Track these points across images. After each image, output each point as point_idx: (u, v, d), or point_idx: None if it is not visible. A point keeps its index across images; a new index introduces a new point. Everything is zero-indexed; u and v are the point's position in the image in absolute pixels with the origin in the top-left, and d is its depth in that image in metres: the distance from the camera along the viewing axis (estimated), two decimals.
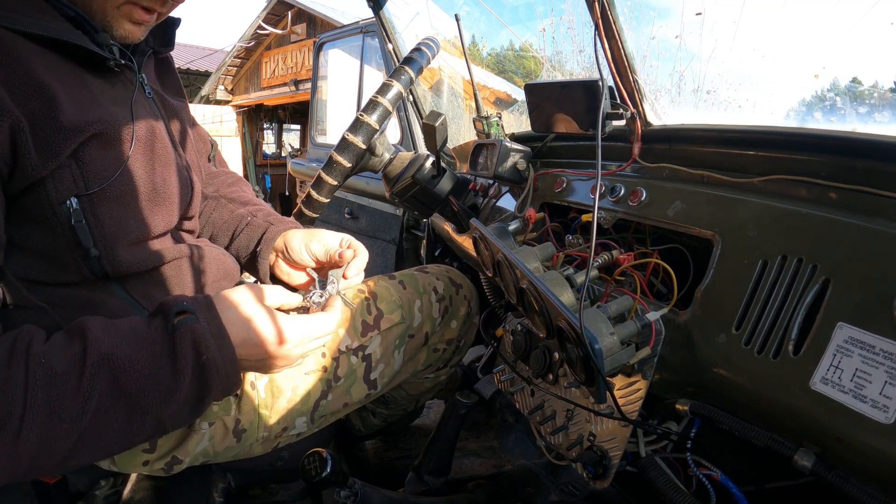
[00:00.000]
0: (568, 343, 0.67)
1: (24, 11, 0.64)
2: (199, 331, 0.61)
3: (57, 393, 0.54)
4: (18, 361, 0.55)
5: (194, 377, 0.60)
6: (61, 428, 0.54)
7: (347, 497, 0.81)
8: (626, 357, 0.67)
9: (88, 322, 0.60)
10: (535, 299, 0.72)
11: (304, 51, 8.78)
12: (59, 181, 0.67)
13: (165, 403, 0.59)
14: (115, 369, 0.57)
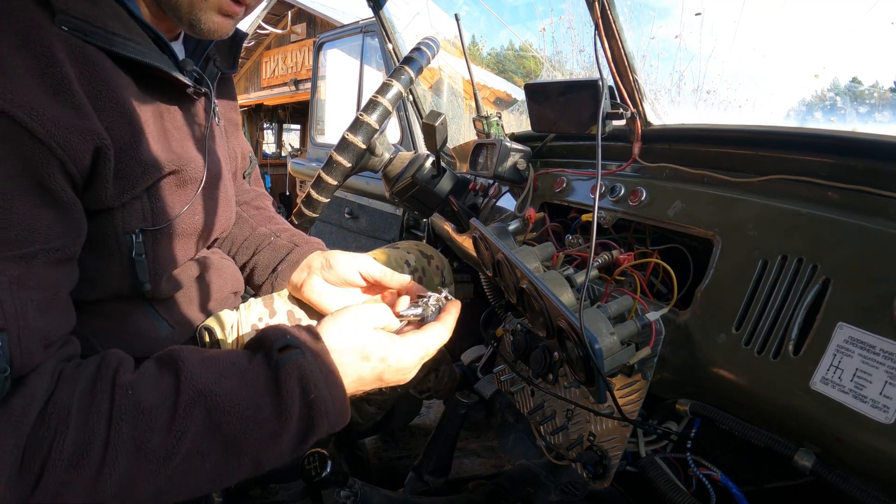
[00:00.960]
0: (568, 343, 0.67)
1: (114, 29, 0.60)
2: (306, 368, 0.55)
3: (144, 429, 0.49)
4: (103, 390, 0.50)
5: (301, 417, 0.55)
6: (147, 468, 0.49)
7: (347, 497, 0.81)
8: (626, 357, 0.67)
9: (182, 353, 0.55)
10: (535, 299, 0.72)
11: (304, 51, 8.78)
12: (130, 213, 0.66)
13: (267, 446, 0.54)
14: (213, 409, 0.52)
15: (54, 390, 0.50)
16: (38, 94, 0.51)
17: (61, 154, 0.53)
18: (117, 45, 0.60)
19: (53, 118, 0.51)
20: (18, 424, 0.46)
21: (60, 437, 0.47)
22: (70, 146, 0.53)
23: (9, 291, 0.48)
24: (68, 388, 0.50)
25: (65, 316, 0.56)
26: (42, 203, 0.53)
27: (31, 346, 0.49)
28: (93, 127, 0.56)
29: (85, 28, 0.57)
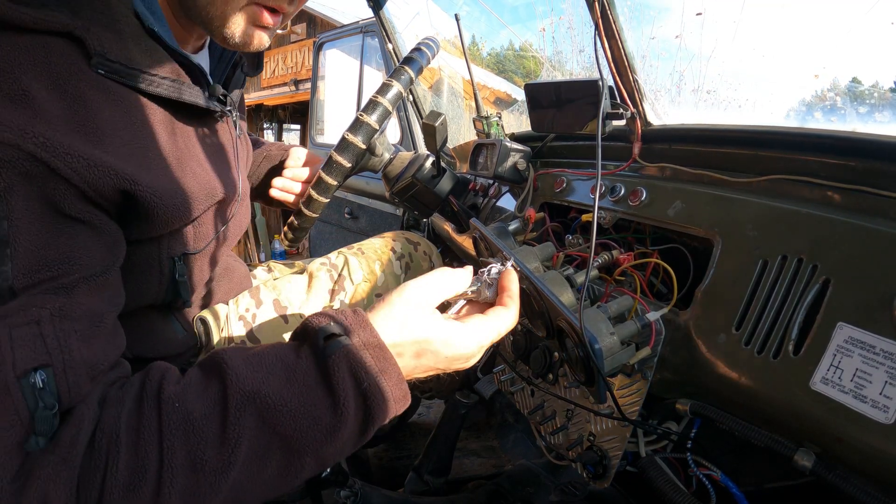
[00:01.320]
0: (568, 343, 0.67)
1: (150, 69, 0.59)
2: (353, 354, 0.51)
3: (198, 442, 0.47)
4: (150, 406, 0.48)
5: (357, 408, 0.51)
6: (206, 480, 0.47)
7: (347, 497, 0.81)
8: (626, 357, 0.67)
9: (226, 355, 0.52)
10: (535, 299, 0.72)
11: (304, 51, 8.78)
12: (176, 239, 0.67)
13: (327, 442, 0.51)
14: (265, 410, 0.49)
15: (100, 417, 0.48)
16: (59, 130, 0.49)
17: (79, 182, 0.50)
18: (154, 84, 0.59)
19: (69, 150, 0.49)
20: (69, 456, 0.44)
21: (113, 462, 0.45)
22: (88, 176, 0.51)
23: (51, 325, 0.47)
24: (115, 411, 0.48)
25: (112, 342, 0.55)
26: (75, 231, 0.51)
27: (77, 380, 0.47)
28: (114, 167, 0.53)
29: (121, 71, 0.56)
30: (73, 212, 0.51)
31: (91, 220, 0.53)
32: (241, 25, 0.63)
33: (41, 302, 0.47)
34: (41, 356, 0.45)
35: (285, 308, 0.92)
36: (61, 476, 0.43)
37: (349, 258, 1.04)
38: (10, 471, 0.43)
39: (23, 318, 0.45)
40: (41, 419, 0.44)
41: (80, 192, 0.51)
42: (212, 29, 0.63)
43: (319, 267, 1.01)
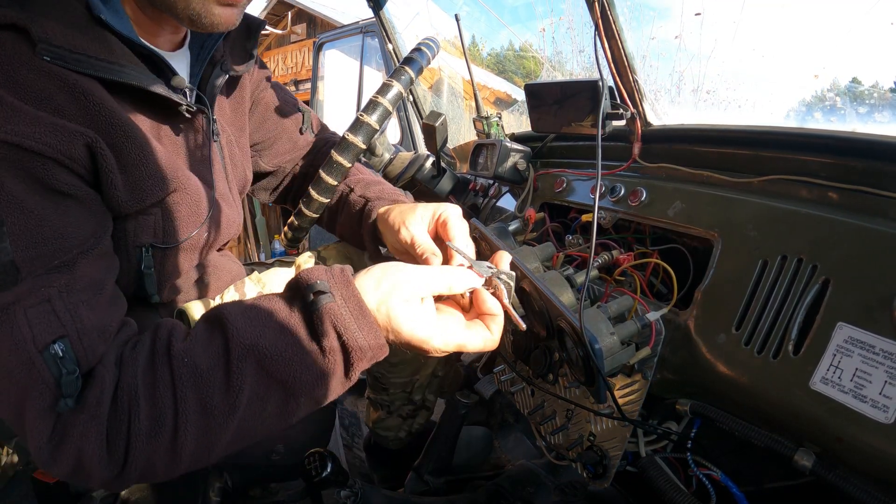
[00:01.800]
0: (568, 343, 0.67)
1: (97, 54, 0.60)
2: (335, 309, 0.55)
3: (206, 390, 0.53)
4: (162, 363, 0.54)
5: (342, 356, 0.57)
6: (216, 422, 0.54)
7: (347, 497, 0.81)
8: (626, 357, 0.67)
9: (226, 311, 0.57)
10: (536, 299, 0.72)
11: (304, 51, 8.78)
12: (141, 227, 0.68)
13: (318, 384, 0.56)
14: (262, 359, 0.55)
15: (119, 376, 0.53)
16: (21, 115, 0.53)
17: (54, 153, 0.54)
18: (101, 69, 0.60)
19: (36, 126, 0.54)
20: (96, 414, 0.51)
21: (135, 415, 0.51)
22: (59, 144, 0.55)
23: (60, 301, 0.53)
24: (132, 370, 0.54)
25: (116, 305, 0.60)
26: (64, 208, 0.56)
27: (91, 343, 0.53)
28: (77, 129, 0.57)
29: (66, 56, 0.57)
30: (57, 185, 0.55)
31: (76, 193, 0.57)
32: (206, 5, 0.63)
33: (47, 282, 0.52)
34: (57, 329, 0.51)
35: None
36: (91, 432, 0.50)
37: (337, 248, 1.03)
38: (46, 432, 0.50)
39: (35, 299, 0.51)
40: (66, 383, 0.51)
41: (57, 163, 0.55)
42: (177, 13, 0.64)
43: (308, 259, 1.00)
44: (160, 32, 0.71)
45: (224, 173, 0.85)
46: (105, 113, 0.60)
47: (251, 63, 0.86)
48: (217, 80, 0.79)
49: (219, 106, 0.86)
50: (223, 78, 0.80)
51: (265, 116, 1.00)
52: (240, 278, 0.97)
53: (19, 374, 0.50)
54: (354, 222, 0.93)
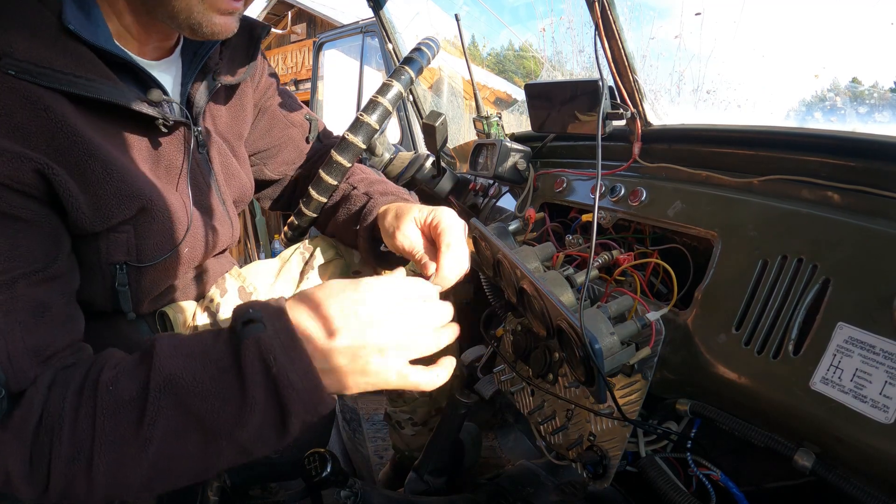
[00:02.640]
0: (568, 343, 0.67)
1: (63, 67, 0.59)
2: (265, 341, 0.52)
3: (123, 420, 0.52)
4: (89, 390, 0.54)
5: (268, 394, 0.52)
6: (129, 454, 0.52)
7: (347, 497, 0.81)
8: (626, 357, 0.67)
9: (157, 343, 0.56)
10: (536, 299, 0.72)
11: (304, 51, 8.78)
12: (113, 244, 0.67)
13: (239, 424, 0.52)
14: (180, 392, 0.52)
15: (47, 397, 0.53)
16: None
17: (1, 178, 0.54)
18: (66, 83, 0.58)
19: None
20: (21, 434, 0.51)
21: (57, 438, 0.51)
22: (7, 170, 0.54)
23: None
24: (59, 393, 0.53)
25: (63, 328, 0.59)
26: (10, 230, 0.55)
27: (21, 366, 0.53)
28: (27, 153, 0.55)
29: (31, 70, 0.56)
30: (5, 208, 0.54)
31: (24, 216, 0.56)
32: (206, 14, 0.63)
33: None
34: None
35: (250, 294, 0.90)
36: (15, 450, 0.51)
37: (323, 240, 1.00)
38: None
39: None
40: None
41: (6, 187, 0.54)
42: (178, 23, 0.63)
43: (292, 251, 0.99)
44: (148, 40, 0.69)
45: (214, 185, 0.83)
46: (67, 130, 0.58)
47: (250, 70, 0.85)
48: (208, 89, 0.77)
49: (212, 115, 0.84)
50: (215, 86, 0.78)
51: (272, 124, 0.98)
52: None
53: None
54: (352, 219, 0.92)
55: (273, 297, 0.57)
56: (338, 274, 0.97)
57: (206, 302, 0.87)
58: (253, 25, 0.84)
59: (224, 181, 0.86)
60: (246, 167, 0.94)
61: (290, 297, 0.57)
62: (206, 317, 0.86)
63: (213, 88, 0.78)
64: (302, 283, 0.94)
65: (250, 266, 0.97)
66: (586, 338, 0.61)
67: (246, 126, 0.92)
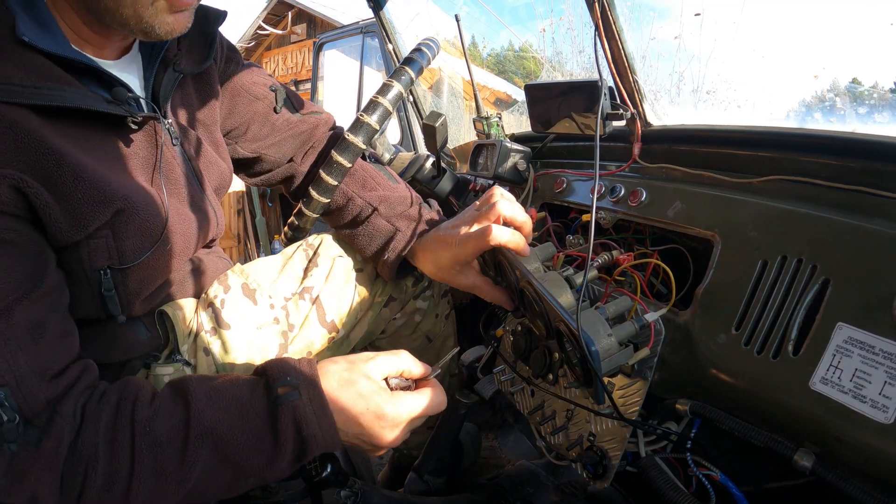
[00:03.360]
0: (567, 345, 0.67)
1: (22, 80, 0.58)
2: (300, 409, 0.61)
3: (162, 459, 0.57)
4: (123, 426, 0.58)
5: (294, 448, 0.62)
6: (168, 489, 0.58)
7: (347, 497, 0.81)
8: (624, 358, 0.67)
9: (192, 387, 0.62)
10: (535, 301, 0.72)
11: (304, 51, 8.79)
12: (95, 251, 0.67)
13: (268, 469, 0.62)
14: (219, 442, 0.59)
15: (80, 429, 0.56)
16: None
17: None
18: (27, 96, 0.58)
19: None
20: (52, 465, 0.54)
21: (92, 468, 0.55)
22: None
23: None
24: (93, 426, 0.57)
25: (61, 345, 0.61)
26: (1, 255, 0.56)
27: (30, 389, 0.55)
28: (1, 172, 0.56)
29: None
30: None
31: (8, 237, 0.57)
32: (158, 16, 0.63)
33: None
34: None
35: (254, 290, 0.90)
36: (46, 478, 0.54)
37: (325, 237, 1.00)
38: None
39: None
40: (8, 430, 0.53)
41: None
42: (130, 27, 0.63)
43: (295, 248, 0.99)
44: (106, 43, 0.69)
45: (192, 175, 0.82)
46: (34, 143, 0.58)
47: (211, 56, 0.83)
48: (172, 81, 0.77)
49: (182, 104, 0.83)
50: (178, 77, 0.77)
51: (235, 101, 0.95)
52: None
53: None
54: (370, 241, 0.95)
55: (305, 360, 0.67)
56: (341, 272, 0.96)
57: (209, 299, 0.87)
58: (206, 11, 0.82)
59: (202, 170, 0.85)
60: (224, 153, 0.93)
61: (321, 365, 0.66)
62: (210, 313, 0.86)
63: (176, 79, 0.77)
64: (305, 279, 0.94)
65: (253, 263, 0.96)
66: (583, 340, 0.61)
67: (216, 112, 0.91)
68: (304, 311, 0.92)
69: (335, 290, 0.95)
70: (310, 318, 0.92)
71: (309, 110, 1.05)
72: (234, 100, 0.95)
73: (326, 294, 0.94)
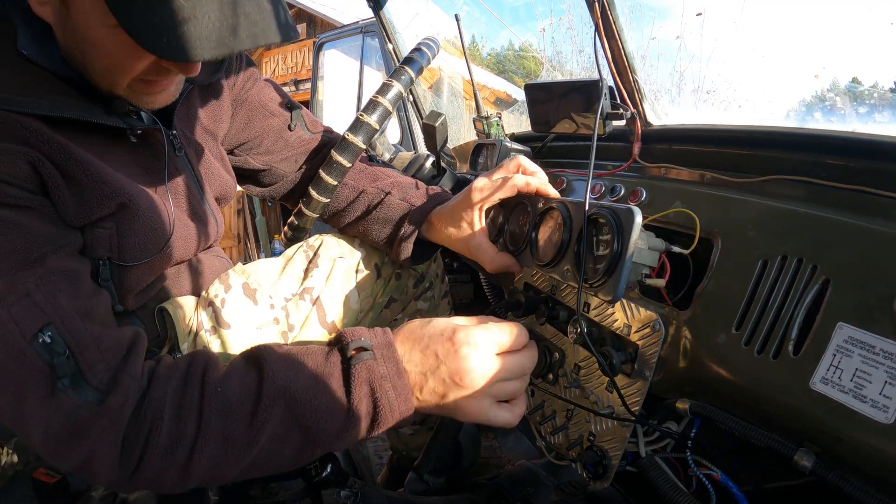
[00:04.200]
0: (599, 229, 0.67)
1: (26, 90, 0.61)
2: (374, 368, 0.60)
3: (231, 422, 0.57)
4: (193, 387, 0.58)
5: (368, 414, 0.61)
6: (232, 454, 0.57)
7: (347, 497, 0.81)
8: (650, 260, 0.67)
9: (265, 351, 0.62)
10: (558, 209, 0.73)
11: (304, 51, 8.78)
12: (96, 240, 0.68)
13: (338, 437, 0.61)
14: (292, 403, 0.58)
15: (148, 388, 0.57)
16: None
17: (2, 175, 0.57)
18: (28, 105, 0.60)
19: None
20: (117, 421, 0.54)
21: (156, 429, 0.55)
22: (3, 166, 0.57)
23: (39, 292, 0.55)
24: (162, 387, 0.57)
25: (97, 293, 0.63)
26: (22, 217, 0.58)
27: (75, 325, 0.56)
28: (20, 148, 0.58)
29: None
30: (9, 201, 0.57)
31: (31, 205, 0.59)
32: (135, 96, 0.66)
33: (22, 279, 0.55)
34: (41, 319, 0.54)
35: (254, 290, 0.90)
36: (108, 436, 0.53)
37: (326, 238, 1.02)
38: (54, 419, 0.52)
39: (14, 297, 0.54)
40: (59, 365, 0.54)
41: (3, 182, 0.57)
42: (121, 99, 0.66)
43: (296, 249, 1.00)
44: None
45: (195, 186, 0.83)
46: (44, 137, 0.61)
47: (222, 68, 0.85)
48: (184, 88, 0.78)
49: (187, 115, 0.84)
50: (187, 88, 0.79)
51: (251, 116, 0.98)
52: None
53: (13, 369, 0.53)
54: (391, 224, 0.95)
55: (379, 329, 0.65)
56: (341, 273, 0.97)
57: (210, 297, 0.87)
58: None
59: (204, 179, 0.86)
60: (226, 164, 0.95)
61: (395, 331, 0.65)
62: (210, 312, 0.86)
63: (185, 90, 0.78)
64: (306, 280, 0.94)
65: (254, 263, 0.97)
66: (625, 213, 0.63)
67: (223, 123, 0.93)
68: (305, 312, 0.92)
69: (335, 291, 0.95)
70: (310, 319, 0.92)
71: (321, 130, 1.09)
72: (251, 114, 0.98)
73: (327, 295, 0.94)
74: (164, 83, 0.66)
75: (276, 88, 1.04)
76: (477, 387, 0.63)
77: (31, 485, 0.82)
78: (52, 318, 0.55)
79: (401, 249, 0.95)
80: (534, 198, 0.80)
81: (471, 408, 0.63)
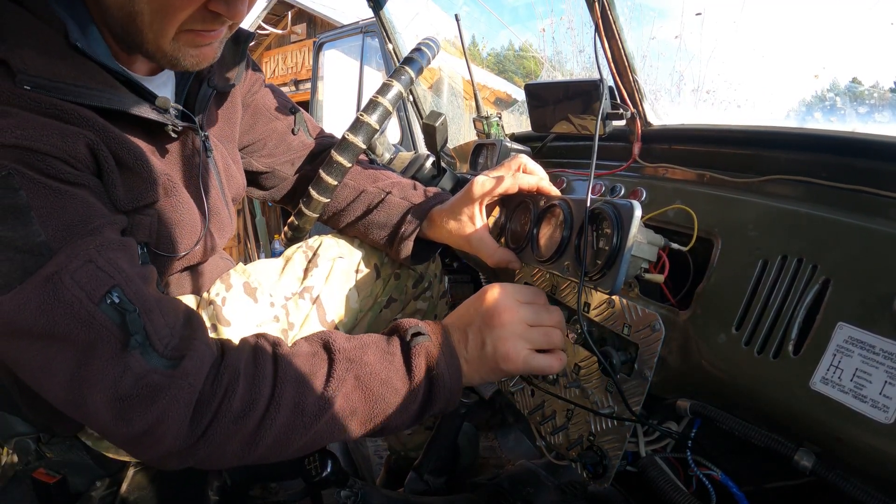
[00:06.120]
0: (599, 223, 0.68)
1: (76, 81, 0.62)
2: (431, 349, 0.66)
3: (303, 389, 0.59)
4: (265, 359, 0.60)
5: (425, 390, 0.66)
6: (302, 422, 0.59)
7: (347, 497, 0.81)
8: (647, 253, 0.68)
9: (328, 333, 0.66)
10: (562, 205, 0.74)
11: (304, 51, 8.77)
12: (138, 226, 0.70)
13: (396, 413, 0.64)
14: (362, 373, 0.62)
15: (223, 356, 0.59)
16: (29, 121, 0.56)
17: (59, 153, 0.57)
18: (81, 95, 0.61)
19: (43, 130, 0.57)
20: (194, 382, 0.55)
21: (231, 393, 0.56)
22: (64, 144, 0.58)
23: (100, 257, 0.56)
24: (236, 355, 0.60)
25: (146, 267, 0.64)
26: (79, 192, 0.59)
27: (138, 288, 0.57)
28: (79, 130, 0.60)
29: (45, 84, 0.58)
30: (68, 178, 0.58)
31: (87, 184, 0.60)
32: (181, 50, 0.65)
33: (83, 245, 0.56)
34: (107, 281, 0.55)
35: (255, 289, 0.91)
36: (182, 398, 0.54)
37: (325, 239, 1.02)
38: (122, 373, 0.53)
39: (77, 263, 0.54)
40: (132, 321, 0.55)
41: (63, 162, 0.58)
42: (157, 60, 0.66)
43: (295, 250, 1.01)
44: (136, 60, 0.71)
45: (220, 187, 0.86)
46: (100, 125, 0.62)
47: (240, 75, 0.87)
48: (205, 96, 0.79)
49: (209, 119, 0.86)
50: (210, 93, 0.80)
51: (256, 119, 1.00)
52: None
53: (79, 334, 0.53)
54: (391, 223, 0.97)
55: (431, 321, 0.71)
56: (341, 273, 0.97)
57: (211, 297, 0.88)
58: (238, 32, 0.85)
59: (225, 181, 0.88)
60: (240, 167, 0.97)
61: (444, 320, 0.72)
62: (210, 310, 0.87)
63: (210, 94, 0.80)
64: (305, 280, 0.95)
65: (254, 263, 0.98)
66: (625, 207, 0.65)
67: (236, 127, 0.94)
68: (305, 311, 0.93)
69: (335, 290, 0.96)
70: (310, 318, 0.93)
71: (323, 135, 1.11)
72: (256, 117, 1.00)
73: (326, 294, 0.95)
74: (211, 35, 0.65)
75: (279, 93, 1.06)
76: (508, 324, 0.67)
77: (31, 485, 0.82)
78: (117, 281, 0.55)
79: (401, 248, 0.95)
80: (535, 196, 0.80)
81: (510, 352, 0.67)
